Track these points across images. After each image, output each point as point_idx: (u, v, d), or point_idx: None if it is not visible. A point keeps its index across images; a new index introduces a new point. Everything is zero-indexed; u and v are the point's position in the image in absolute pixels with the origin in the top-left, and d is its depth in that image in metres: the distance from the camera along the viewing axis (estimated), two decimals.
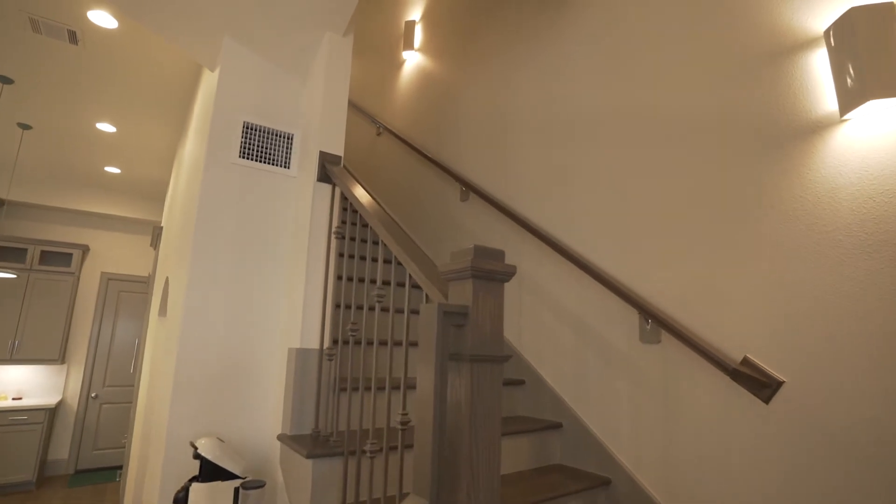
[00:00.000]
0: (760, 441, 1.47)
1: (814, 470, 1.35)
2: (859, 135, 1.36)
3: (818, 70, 1.47)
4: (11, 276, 4.22)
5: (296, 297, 1.87)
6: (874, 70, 1.28)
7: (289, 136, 2.13)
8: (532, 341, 2.35)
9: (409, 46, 3.86)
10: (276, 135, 2.10)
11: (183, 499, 1.49)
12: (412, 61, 3.88)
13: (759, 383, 1.47)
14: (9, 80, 3.35)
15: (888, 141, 1.31)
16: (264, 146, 2.06)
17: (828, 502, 1.31)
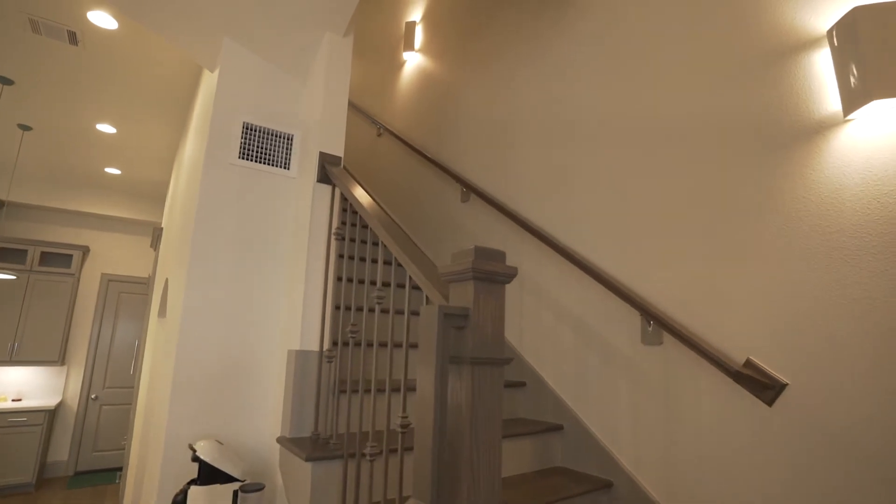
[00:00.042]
0: (763, 444, 1.46)
1: (817, 472, 1.34)
2: (863, 135, 1.35)
3: (821, 70, 1.46)
4: (11, 278, 4.22)
5: (295, 299, 1.86)
6: (878, 70, 1.27)
7: (288, 137, 2.12)
8: (533, 343, 2.34)
9: (410, 47, 3.86)
10: (276, 135, 2.09)
11: (181, 502, 1.48)
12: (413, 62, 3.87)
13: (762, 385, 1.45)
14: (9, 81, 3.34)
15: (893, 141, 1.29)
16: (264, 147, 2.05)
17: None
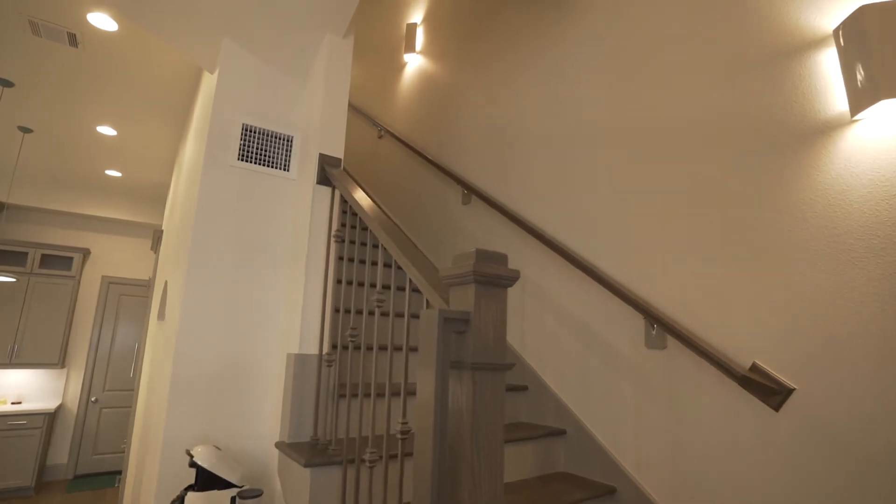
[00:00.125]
0: (769, 449, 1.43)
1: (823, 478, 1.31)
2: (871, 135, 1.33)
3: (827, 70, 1.44)
4: (11, 280, 4.21)
5: (295, 301, 1.84)
6: (886, 69, 1.24)
7: (288, 139, 2.11)
8: (535, 346, 2.32)
9: (411, 49, 3.84)
10: (276, 137, 2.08)
11: None
12: (414, 64, 3.86)
13: (769, 390, 1.43)
14: (9, 84, 3.34)
15: None
16: (263, 148, 2.04)
17: None
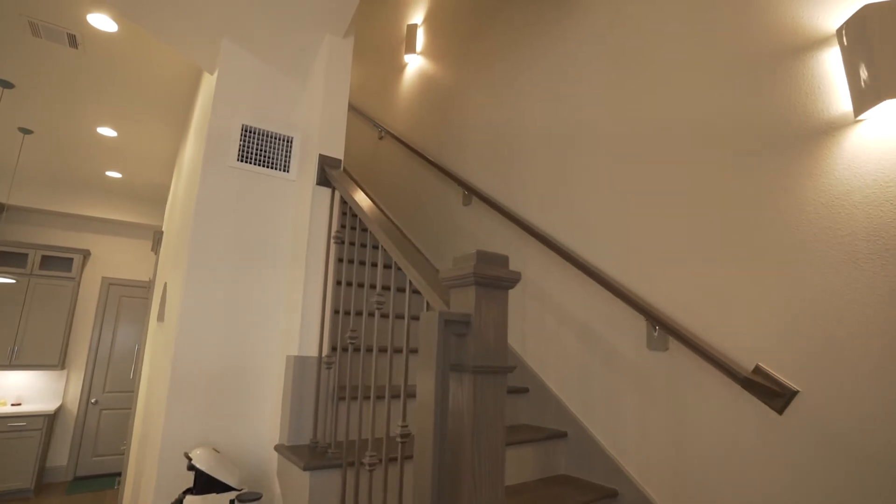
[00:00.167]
0: (773, 452, 1.42)
1: (825, 479, 1.30)
2: (874, 136, 1.32)
3: (830, 70, 1.43)
4: (11, 281, 4.21)
5: (294, 303, 1.83)
6: (890, 69, 1.23)
7: (288, 140, 2.10)
8: (536, 348, 2.31)
9: (412, 50, 3.84)
10: (276, 138, 2.07)
11: None
12: (414, 65, 3.85)
13: (772, 392, 1.42)
14: (9, 85, 3.33)
15: None
16: (263, 149, 2.03)
17: None
